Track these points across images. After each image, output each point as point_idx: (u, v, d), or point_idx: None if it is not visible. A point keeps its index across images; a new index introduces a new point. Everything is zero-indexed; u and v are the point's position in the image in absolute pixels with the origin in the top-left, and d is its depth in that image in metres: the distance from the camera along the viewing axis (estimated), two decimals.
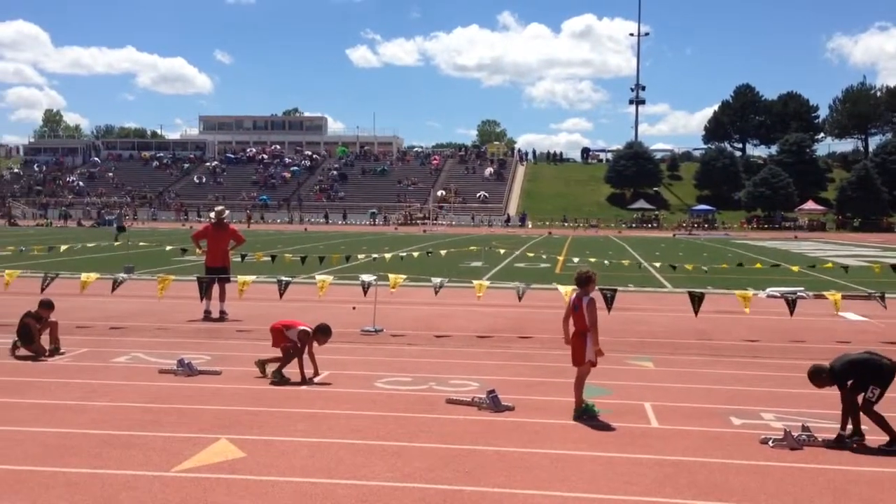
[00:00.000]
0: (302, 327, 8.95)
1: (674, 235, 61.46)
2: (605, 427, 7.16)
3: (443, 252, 21.78)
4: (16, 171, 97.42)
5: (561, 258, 24.40)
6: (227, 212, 14.87)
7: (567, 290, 11.69)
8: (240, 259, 16.58)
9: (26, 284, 14.62)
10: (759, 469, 6.08)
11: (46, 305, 10.22)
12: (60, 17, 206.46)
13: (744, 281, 20.65)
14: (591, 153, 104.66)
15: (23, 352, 9.94)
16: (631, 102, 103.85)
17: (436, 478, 5.73)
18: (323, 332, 9.08)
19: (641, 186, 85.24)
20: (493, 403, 7.64)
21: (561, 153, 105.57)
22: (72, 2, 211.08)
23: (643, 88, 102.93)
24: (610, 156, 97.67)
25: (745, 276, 22.37)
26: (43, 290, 11.74)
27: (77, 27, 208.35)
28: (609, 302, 11.75)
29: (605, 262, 20.48)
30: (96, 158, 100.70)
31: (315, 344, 9.07)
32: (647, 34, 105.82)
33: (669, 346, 11.58)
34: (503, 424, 7.19)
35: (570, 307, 7.84)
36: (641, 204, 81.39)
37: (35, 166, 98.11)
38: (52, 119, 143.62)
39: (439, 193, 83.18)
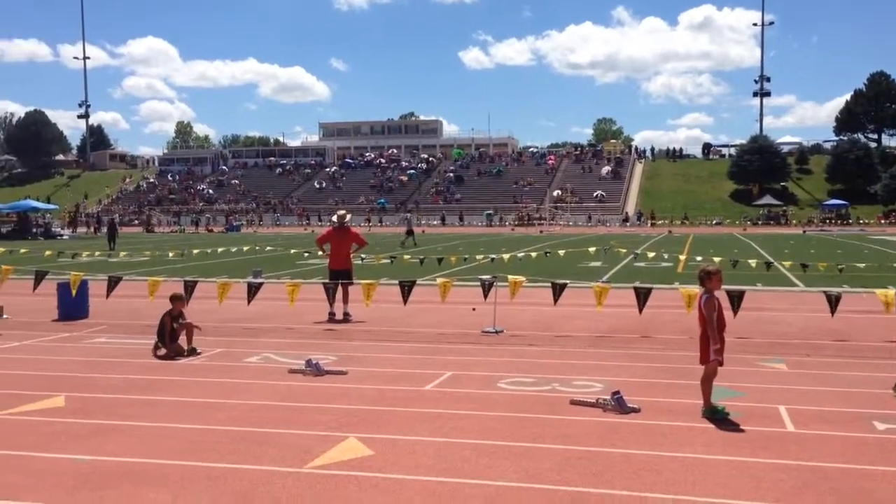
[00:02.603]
0: None
1: (804, 232, 58.75)
2: (737, 430, 6.92)
3: (561, 252, 21.59)
4: (151, 180, 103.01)
5: (683, 257, 23.71)
6: (348, 215, 15.25)
7: (687, 290, 11.38)
8: (360, 261, 16.95)
9: (170, 288, 15.39)
10: None
11: (177, 298, 10.77)
12: (187, 33, 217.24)
13: (883, 279, 19.51)
14: (712, 148, 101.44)
15: (163, 351, 10.50)
16: (755, 95, 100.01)
17: (563, 479, 5.69)
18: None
19: (767, 182, 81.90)
20: (619, 405, 7.52)
21: (681, 149, 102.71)
22: (197, 18, 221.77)
23: (768, 80, 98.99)
24: (733, 151, 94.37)
25: (885, 275, 21.14)
26: (187, 296, 12.36)
27: (202, 42, 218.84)
28: (736, 302, 11.35)
29: (731, 260, 19.77)
30: (224, 167, 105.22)
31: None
32: (771, 23, 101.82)
33: (803, 347, 11.08)
34: (629, 426, 7.07)
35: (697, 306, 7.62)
36: (768, 200, 78.24)
37: (168, 176, 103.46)
38: (183, 130, 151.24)
39: (555, 193, 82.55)
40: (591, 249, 25.58)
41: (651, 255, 22.24)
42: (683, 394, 8.17)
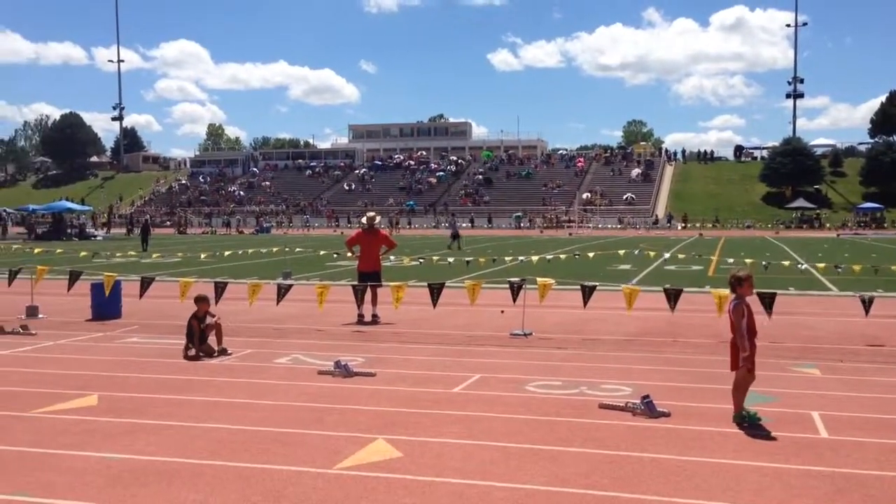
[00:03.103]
0: None
1: (837, 235, 57.93)
2: (769, 436, 6.84)
3: (590, 255, 21.50)
4: (183, 182, 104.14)
5: (714, 260, 23.55)
6: (378, 217, 15.30)
7: (718, 293, 11.27)
8: (388, 262, 17.00)
9: (202, 289, 15.54)
10: None
11: (201, 300, 10.87)
12: (218, 36, 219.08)
13: None
14: (744, 151, 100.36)
15: (193, 352, 10.61)
16: (788, 96, 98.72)
17: (592, 483, 5.66)
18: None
19: (801, 184, 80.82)
20: (648, 409, 7.47)
21: (712, 151, 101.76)
22: (228, 20, 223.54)
23: (801, 81, 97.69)
24: (765, 153, 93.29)
25: None
26: (218, 297, 12.48)
27: (233, 44, 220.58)
28: (768, 305, 11.21)
29: (763, 263, 19.53)
30: (255, 169, 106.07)
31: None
32: (804, 24, 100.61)
33: (837, 352, 10.92)
34: (659, 431, 7.01)
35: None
36: (801, 203, 77.22)
37: (200, 178, 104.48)
38: (214, 133, 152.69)
39: (585, 196, 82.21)
40: (621, 252, 25.43)
41: (681, 257, 22.06)
42: (714, 398, 8.10)
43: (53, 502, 5.33)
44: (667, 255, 27.43)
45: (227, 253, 23.90)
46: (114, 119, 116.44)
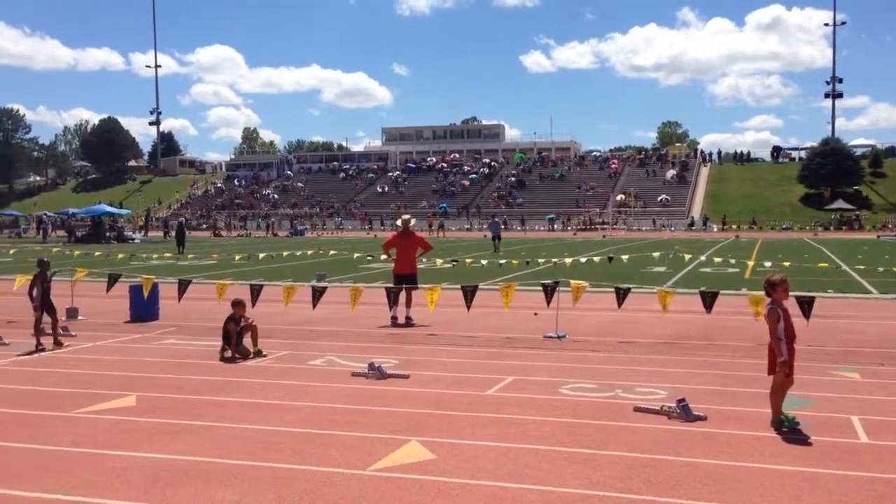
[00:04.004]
0: None
1: (878, 237, 56.91)
2: (807, 441, 6.74)
3: (624, 257, 21.34)
4: (219, 185, 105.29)
5: (751, 262, 23.25)
6: (413, 220, 15.34)
7: (755, 296, 11.13)
8: (421, 265, 17.02)
9: (237, 291, 15.73)
10: None
11: (238, 304, 10.99)
12: (252, 41, 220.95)
13: None
14: (782, 151, 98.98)
15: (230, 354, 10.72)
16: (826, 96, 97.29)
17: (626, 487, 5.62)
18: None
19: (840, 185, 79.51)
20: (684, 412, 7.40)
21: (749, 152, 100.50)
22: (262, 25, 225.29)
23: (840, 81, 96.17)
24: (803, 154, 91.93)
25: None
26: (253, 300, 12.59)
27: (267, 49, 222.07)
28: (807, 309, 11.06)
29: (801, 265, 19.27)
30: (289, 172, 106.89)
31: None
32: (843, 23, 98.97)
33: (877, 355, 10.72)
34: (695, 435, 6.94)
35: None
36: (840, 204, 75.95)
37: (235, 181, 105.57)
38: (249, 136, 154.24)
39: (619, 198, 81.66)
40: (656, 254, 25.22)
41: (718, 259, 21.82)
42: (751, 402, 8.00)
43: (95, 501, 5.43)
44: (703, 258, 27.16)
45: (261, 255, 24.11)
46: (151, 124, 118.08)
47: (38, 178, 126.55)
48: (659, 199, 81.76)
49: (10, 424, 7.41)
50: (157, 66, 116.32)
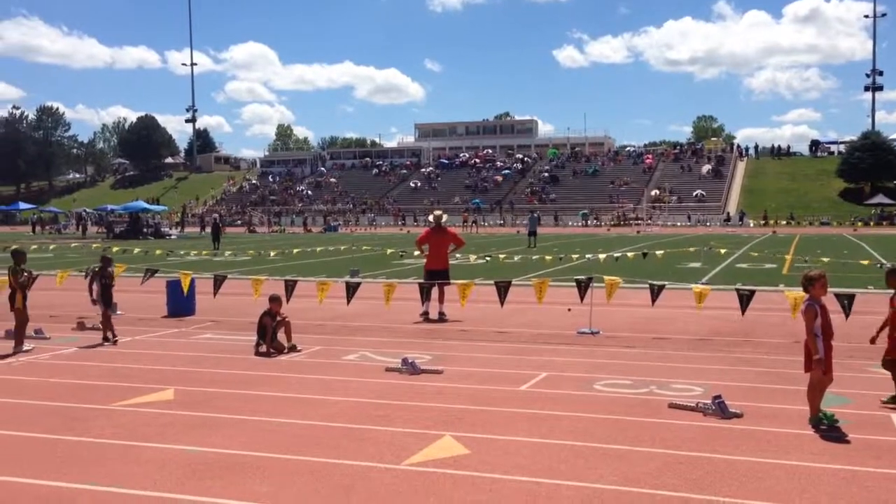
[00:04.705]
0: None
1: None
2: (846, 439, 6.64)
3: (659, 253, 21.17)
4: (254, 182, 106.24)
5: (788, 258, 22.90)
6: (445, 216, 15.36)
7: (792, 293, 10.99)
8: (455, 260, 17.04)
9: (272, 287, 15.88)
10: None
11: (275, 299, 11.10)
12: (286, 38, 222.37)
13: None
14: (821, 145, 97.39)
15: (264, 349, 10.82)
16: (866, 89, 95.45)
17: (662, 484, 5.59)
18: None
19: (880, 180, 78.05)
20: (720, 409, 7.33)
21: (788, 147, 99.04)
22: (295, 22, 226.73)
23: (880, 73, 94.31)
24: (843, 148, 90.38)
25: None
26: (288, 295, 12.70)
27: (301, 46, 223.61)
28: (847, 305, 10.89)
29: (840, 261, 18.97)
30: (322, 168, 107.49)
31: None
32: (883, 14, 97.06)
33: None
34: (731, 432, 6.88)
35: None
36: (880, 199, 74.55)
37: (269, 177, 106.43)
38: (283, 133, 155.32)
39: (653, 193, 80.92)
40: (691, 249, 24.98)
41: (755, 255, 21.56)
42: (789, 400, 7.91)
43: (133, 493, 5.52)
44: (738, 254, 26.85)
45: (295, 251, 24.30)
46: (187, 121, 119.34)
47: (77, 176, 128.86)
48: (694, 194, 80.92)
49: (53, 417, 7.56)
50: (192, 64, 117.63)
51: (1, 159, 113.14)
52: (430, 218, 15.40)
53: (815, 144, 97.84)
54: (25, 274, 11.23)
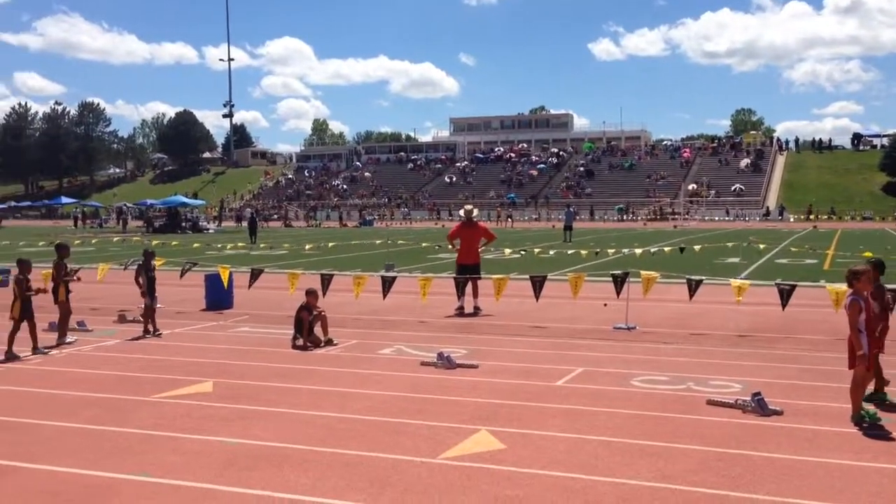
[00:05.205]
0: None
1: None
2: (889, 436, 6.53)
3: (696, 247, 20.94)
4: (290, 176, 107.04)
5: (829, 253, 22.55)
6: (475, 211, 15.34)
7: (834, 288, 10.81)
8: (489, 255, 17.02)
9: (308, 280, 16.04)
10: None
11: (311, 293, 11.19)
12: (321, 32, 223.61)
13: None
14: (863, 139, 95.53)
15: (301, 342, 10.92)
16: None
17: (700, 481, 5.54)
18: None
19: None
20: (760, 406, 7.24)
21: (830, 140, 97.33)
22: (330, 17, 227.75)
23: None
24: (885, 141, 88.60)
25: None
26: (324, 289, 12.79)
27: (336, 41, 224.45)
28: (891, 301, 10.66)
29: (884, 257, 18.60)
30: (358, 163, 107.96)
31: None
32: None
33: None
34: (771, 429, 6.79)
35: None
36: None
37: (305, 172, 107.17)
38: (319, 128, 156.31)
39: (690, 187, 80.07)
40: (729, 245, 24.68)
41: (795, 250, 21.24)
42: (830, 397, 7.78)
43: (174, 483, 5.61)
44: (777, 249, 26.48)
45: (331, 245, 24.44)
46: (224, 116, 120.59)
47: (117, 170, 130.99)
48: (732, 188, 79.86)
49: (97, 408, 7.70)
50: (230, 60, 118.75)
51: (44, 154, 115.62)
52: (461, 213, 15.40)
53: (857, 137, 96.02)
54: (70, 269, 11.46)
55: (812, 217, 67.74)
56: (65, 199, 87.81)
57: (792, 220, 68.98)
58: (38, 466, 5.97)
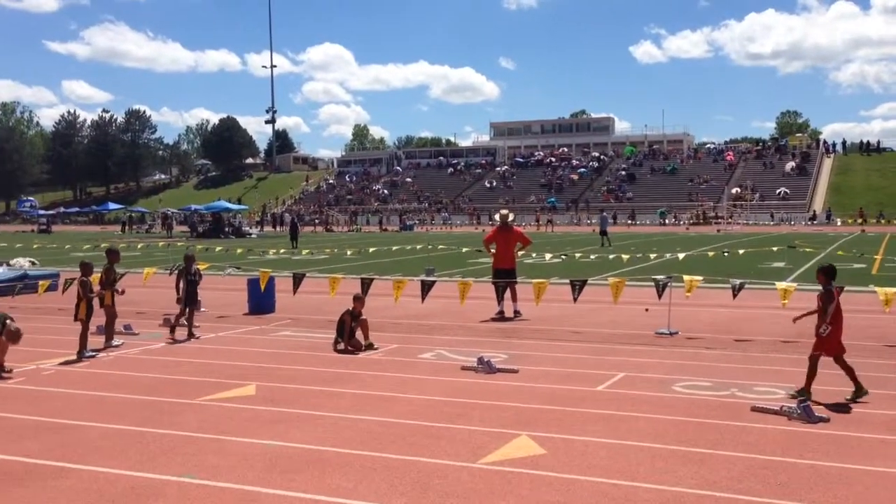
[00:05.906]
0: None
1: None
2: None
3: (740, 251, 20.63)
4: (331, 181, 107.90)
5: (878, 258, 22.07)
6: (511, 215, 15.32)
7: (884, 291, 10.59)
8: (530, 260, 16.96)
9: (349, 285, 16.16)
10: None
11: (358, 299, 11.31)
12: (362, 38, 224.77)
13: None
14: None
15: (342, 346, 11.00)
16: None
17: (744, 489, 5.46)
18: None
19: None
20: (806, 413, 7.12)
21: (878, 142, 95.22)
22: (371, 23, 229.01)
23: None
24: None
25: None
26: (364, 293, 12.88)
27: (376, 46, 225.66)
28: None
29: None
30: (398, 168, 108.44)
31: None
32: None
33: None
34: (817, 436, 6.67)
35: None
36: None
37: (346, 177, 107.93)
38: (360, 133, 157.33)
39: (734, 191, 78.96)
40: (774, 249, 24.29)
41: (842, 255, 20.83)
42: (878, 404, 7.63)
43: (218, 485, 5.68)
44: (823, 253, 25.99)
45: (371, 250, 24.56)
46: (266, 122, 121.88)
47: (162, 176, 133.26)
48: (777, 192, 78.58)
49: (143, 410, 7.85)
50: (272, 66, 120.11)
51: (92, 161, 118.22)
52: (497, 217, 15.39)
53: None
54: (116, 275, 11.79)
55: (865, 220, 66.31)
56: (112, 205, 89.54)
57: (839, 223, 67.64)
58: (84, 467, 6.10)
